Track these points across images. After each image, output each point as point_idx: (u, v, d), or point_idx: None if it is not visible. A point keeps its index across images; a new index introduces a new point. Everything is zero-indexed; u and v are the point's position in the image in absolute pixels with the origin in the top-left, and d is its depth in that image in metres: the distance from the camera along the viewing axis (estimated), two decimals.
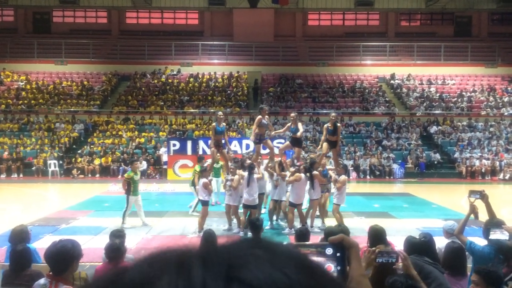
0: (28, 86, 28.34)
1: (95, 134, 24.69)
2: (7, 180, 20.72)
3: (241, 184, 10.07)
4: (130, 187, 10.79)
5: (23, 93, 27.64)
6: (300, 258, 0.55)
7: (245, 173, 10.15)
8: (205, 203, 10.13)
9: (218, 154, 11.44)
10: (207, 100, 27.30)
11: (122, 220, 10.80)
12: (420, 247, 4.60)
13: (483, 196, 5.15)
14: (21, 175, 21.45)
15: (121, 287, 0.52)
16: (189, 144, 19.67)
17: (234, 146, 18.75)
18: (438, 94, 28.51)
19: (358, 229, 10.28)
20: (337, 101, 27.81)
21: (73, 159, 22.27)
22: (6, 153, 22.19)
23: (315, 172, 10.29)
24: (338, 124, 11.61)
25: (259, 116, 10.85)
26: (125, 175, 11.56)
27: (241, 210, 10.43)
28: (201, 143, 19.17)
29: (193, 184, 12.31)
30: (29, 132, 24.42)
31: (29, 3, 30.75)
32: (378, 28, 34.06)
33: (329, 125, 11.00)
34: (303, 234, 5.78)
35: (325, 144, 11.11)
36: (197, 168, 12.36)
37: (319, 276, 0.55)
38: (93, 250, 7.83)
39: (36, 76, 29.74)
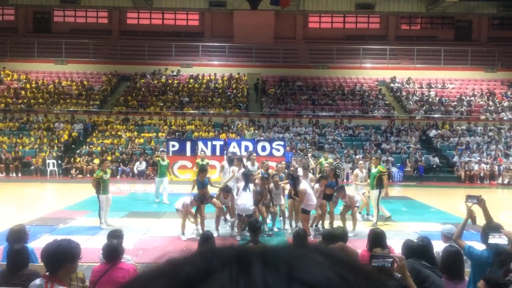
0: (28, 86, 28.32)
1: (94, 134, 24.67)
2: (6, 179, 20.69)
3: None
4: (100, 187, 10.86)
5: (23, 92, 27.62)
6: (356, 264, 0.56)
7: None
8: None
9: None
10: (207, 101, 27.31)
11: (100, 220, 10.83)
12: (418, 251, 4.60)
13: (480, 201, 5.15)
14: (19, 174, 21.42)
15: (177, 281, 0.52)
16: (188, 145, 19.63)
17: (233, 147, 18.72)
18: (437, 98, 28.54)
19: (356, 232, 10.28)
20: (337, 103, 27.83)
21: (72, 159, 22.25)
22: (3, 151, 22.15)
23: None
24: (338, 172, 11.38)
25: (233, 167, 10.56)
26: (94, 174, 11.67)
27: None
28: (200, 144, 19.15)
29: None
30: (28, 132, 24.40)
31: (30, 3, 30.77)
32: (379, 31, 34.11)
33: (329, 176, 10.53)
34: (300, 236, 5.78)
35: (323, 202, 10.34)
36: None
37: (375, 282, 0.56)
38: (90, 250, 7.81)
39: (36, 76, 29.73)
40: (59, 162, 21.99)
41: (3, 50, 30.43)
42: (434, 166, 22.92)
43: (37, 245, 7.86)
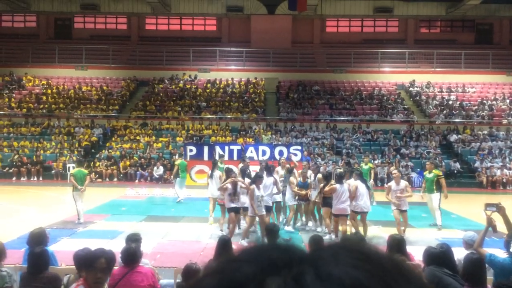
0: (49, 91, 28.84)
1: (113, 139, 24.96)
2: (27, 182, 21.06)
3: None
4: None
5: (44, 97, 28.14)
6: (405, 270, 0.57)
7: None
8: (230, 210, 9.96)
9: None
10: (224, 106, 27.41)
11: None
12: (439, 258, 4.50)
13: (499, 209, 5.03)
14: (40, 178, 21.78)
15: (234, 284, 0.53)
16: (205, 149, 19.74)
17: (251, 152, 18.74)
18: (458, 102, 28.10)
19: (376, 238, 10.16)
20: (355, 108, 27.63)
21: (92, 163, 22.54)
22: (22, 156, 22.58)
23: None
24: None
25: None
26: (71, 172, 12.79)
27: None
28: (218, 149, 19.21)
29: None
30: (49, 136, 24.82)
31: (51, 9, 31.37)
32: (397, 35, 33.81)
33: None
34: (317, 241, 5.72)
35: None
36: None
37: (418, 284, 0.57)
38: None
39: (57, 81, 30.27)
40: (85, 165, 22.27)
41: (25, 56, 31.07)
42: (455, 171, 22.52)
43: (57, 248, 7.97)
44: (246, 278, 0.53)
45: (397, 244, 4.80)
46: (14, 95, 28.60)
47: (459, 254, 5.24)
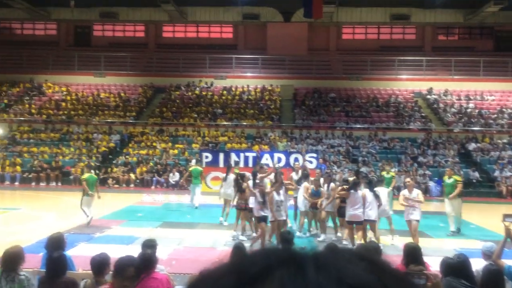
0: (68, 97, 29.33)
1: (130, 145, 25.22)
2: (46, 188, 21.38)
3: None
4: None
5: (63, 104, 28.61)
6: (396, 271, 0.63)
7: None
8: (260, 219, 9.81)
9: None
10: (240, 113, 27.50)
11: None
12: (456, 268, 4.43)
13: None
14: (59, 184, 22.09)
15: (242, 277, 0.59)
16: (221, 156, 19.80)
17: (266, 159, 18.74)
18: (477, 110, 27.71)
19: (392, 247, 10.04)
20: (371, 115, 27.45)
21: (109, 169, 22.79)
22: (40, 160, 22.94)
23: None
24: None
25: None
26: (82, 177, 13.28)
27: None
28: (233, 156, 19.25)
29: None
30: (68, 142, 25.20)
31: (71, 17, 31.97)
32: (415, 42, 33.56)
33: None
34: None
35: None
36: None
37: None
38: None
39: (76, 88, 30.77)
40: (97, 172, 22.56)
41: (45, 64, 31.68)
42: (474, 180, 22.16)
43: (74, 253, 8.07)
44: (255, 273, 0.59)
45: (413, 252, 4.74)
46: (34, 101, 29.15)
47: (478, 265, 5.16)
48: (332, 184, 10.93)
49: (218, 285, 0.60)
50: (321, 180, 11.58)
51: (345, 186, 10.44)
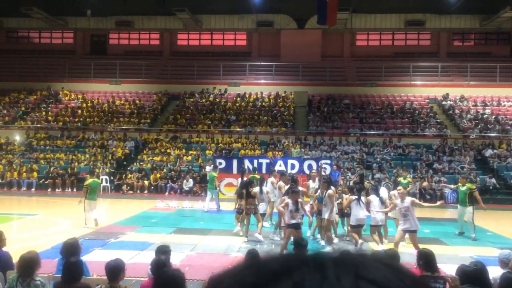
0: (84, 105, 29.73)
1: (144, 152, 25.42)
2: (62, 194, 21.64)
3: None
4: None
5: (79, 111, 29.01)
6: (409, 271, 0.64)
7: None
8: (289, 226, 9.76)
9: None
10: (254, 120, 27.55)
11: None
12: (472, 276, 4.37)
13: None
14: (74, 190, 22.32)
15: (265, 274, 0.60)
16: (234, 162, 19.82)
17: (279, 166, 18.70)
18: (493, 116, 27.33)
19: (407, 254, 9.91)
20: (386, 122, 27.26)
21: (124, 175, 22.98)
22: (56, 167, 23.23)
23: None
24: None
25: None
26: (86, 182, 13.30)
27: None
28: (247, 162, 19.26)
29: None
30: (84, 149, 25.50)
31: (88, 26, 32.50)
32: (429, 48, 33.32)
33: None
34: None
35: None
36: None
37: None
38: (139, 265, 7.98)
39: (91, 95, 31.18)
40: (111, 178, 22.78)
41: (62, 71, 32.20)
42: (491, 187, 21.82)
43: (89, 258, 8.14)
44: (277, 271, 0.60)
45: (427, 258, 4.68)
46: (51, 109, 29.61)
47: (495, 273, 5.07)
48: (329, 191, 10.57)
49: (238, 280, 0.61)
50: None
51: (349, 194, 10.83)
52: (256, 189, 11.75)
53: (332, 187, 10.89)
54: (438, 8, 29.60)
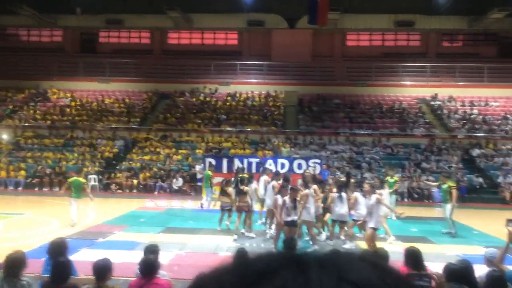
0: (73, 103, 29.49)
1: (134, 151, 25.29)
2: (50, 193, 21.45)
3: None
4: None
5: (68, 109, 28.77)
6: (393, 270, 0.65)
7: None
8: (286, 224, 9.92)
9: None
10: (244, 119, 27.54)
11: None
12: (459, 274, 4.42)
13: None
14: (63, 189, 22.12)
15: (249, 275, 0.61)
16: (225, 162, 19.81)
17: (269, 165, 18.72)
18: (481, 116, 27.63)
19: (395, 253, 9.98)
20: (375, 121, 27.42)
21: (112, 175, 22.85)
22: (43, 166, 23.03)
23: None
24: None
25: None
26: (69, 180, 13.66)
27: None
28: (236, 161, 19.26)
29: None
30: (72, 148, 25.30)
31: (77, 24, 32.21)
32: (419, 49, 33.56)
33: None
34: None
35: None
36: None
37: (409, 286, 0.68)
38: (127, 265, 7.94)
39: (80, 94, 30.94)
40: (100, 177, 22.64)
41: (51, 70, 31.89)
42: (478, 186, 22.08)
43: (76, 258, 8.08)
44: (261, 272, 0.61)
45: (413, 256, 4.73)
46: (39, 107, 29.33)
47: (481, 271, 5.13)
48: (306, 191, 10.59)
49: (221, 282, 0.61)
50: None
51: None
52: (248, 187, 12.03)
53: (313, 188, 10.95)
54: (427, 9, 29.79)
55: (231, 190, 12.22)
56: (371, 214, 9.67)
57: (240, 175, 13.72)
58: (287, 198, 9.98)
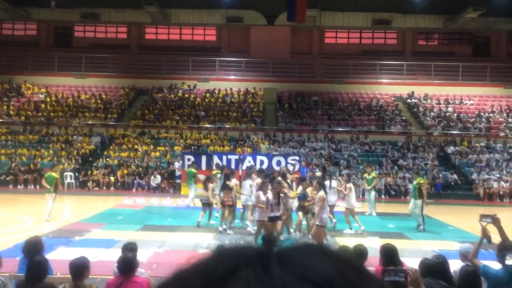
0: (48, 99, 28.88)
1: (111, 147, 24.95)
2: (24, 191, 21.01)
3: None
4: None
5: (43, 105, 28.16)
6: (357, 264, 0.65)
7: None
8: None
9: None
10: (223, 116, 27.47)
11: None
12: (434, 269, 4.50)
13: (494, 220, 5.05)
14: (37, 186, 21.69)
15: (209, 277, 0.60)
16: (203, 159, 19.73)
17: (249, 162, 18.74)
18: (455, 114, 28.22)
19: (372, 249, 10.13)
20: (353, 119, 27.71)
21: (89, 172, 22.50)
22: (17, 164, 22.53)
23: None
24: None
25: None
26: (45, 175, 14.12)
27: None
28: (215, 158, 19.21)
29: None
30: (47, 144, 24.80)
31: (52, 18, 31.52)
32: (396, 47, 34.01)
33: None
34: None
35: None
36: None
37: (373, 282, 0.66)
38: (105, 263, 7.84)
39: (56, 89, 30.31)
40: (76, 174, 22.27)
41: (25, 64, 31.14)
42: (452, 183, 22.57)
43: (52, 257, 7.94)
44: (221, 273, 0.60)
45: (389, 253, 4.80)
46: (12, 102, 28.64)
47: (456, 266, 5.25)
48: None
49: (184, 287, 0.61)
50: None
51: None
52: (233, 182, 12.33)
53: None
54: (404, 8, 30.22)
55: (233, 184, 12.37)
56: (315, 209, 9.97)
57: (215, 171, 14.20)
58: (269, 194, 10.06)
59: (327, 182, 12.10)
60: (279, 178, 12.14)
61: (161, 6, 29.24)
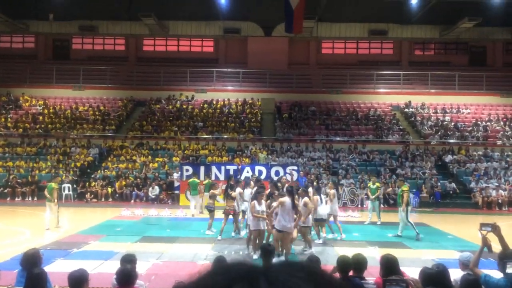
0: (46, 111, 28.89)
1: (109, 159, 24.92)
2: (22, 203, 20.91)
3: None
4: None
5: (41, 117, 28.16)
6: (341, 285, 0.72)
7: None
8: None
9: None
10: (221, 126, 27.51)
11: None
12: (435, 278, 4.49)
13: (494, 228, 5.04)
14: (35, 198, 21.63)
15: None
16: (202, 169, 19.72)
17: (247, 172, 18.73)
18: (453, 123, 28.32)
19: (371, 258, 10.10)
20: (351, 128, 27.78)
21: (87, 183, 22.44)
22: (14, 176, 22.46)
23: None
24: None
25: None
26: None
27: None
28: (214, 169, 19.20)
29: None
30: (45, 156, 24.75)
31: (50, 31, 31.65)
32: (392, 57, 34.24)
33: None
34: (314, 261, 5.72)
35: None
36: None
37: None
38: (103, 275, 7.79)
39: (54, 101, 30.35)
40: (74, 186, 22.20)
41: (23, 77, 31.21)
42: (451, 192, 22.56)
43: (51, 269, 7.89)
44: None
45: (390, 264, 4.79)
46: (10, 115, 28.64)
47: (456, 275, 5.23)
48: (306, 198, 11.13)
49: None
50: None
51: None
52: (237, 191, 12.57)
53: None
54: (400, 18, 30.46)
55: (235, 194, 12.59)
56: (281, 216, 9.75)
57: (191, 180, 14.88)
58: (263, 203, 10.12)
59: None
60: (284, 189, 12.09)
61: (159, 18, 29.41)
